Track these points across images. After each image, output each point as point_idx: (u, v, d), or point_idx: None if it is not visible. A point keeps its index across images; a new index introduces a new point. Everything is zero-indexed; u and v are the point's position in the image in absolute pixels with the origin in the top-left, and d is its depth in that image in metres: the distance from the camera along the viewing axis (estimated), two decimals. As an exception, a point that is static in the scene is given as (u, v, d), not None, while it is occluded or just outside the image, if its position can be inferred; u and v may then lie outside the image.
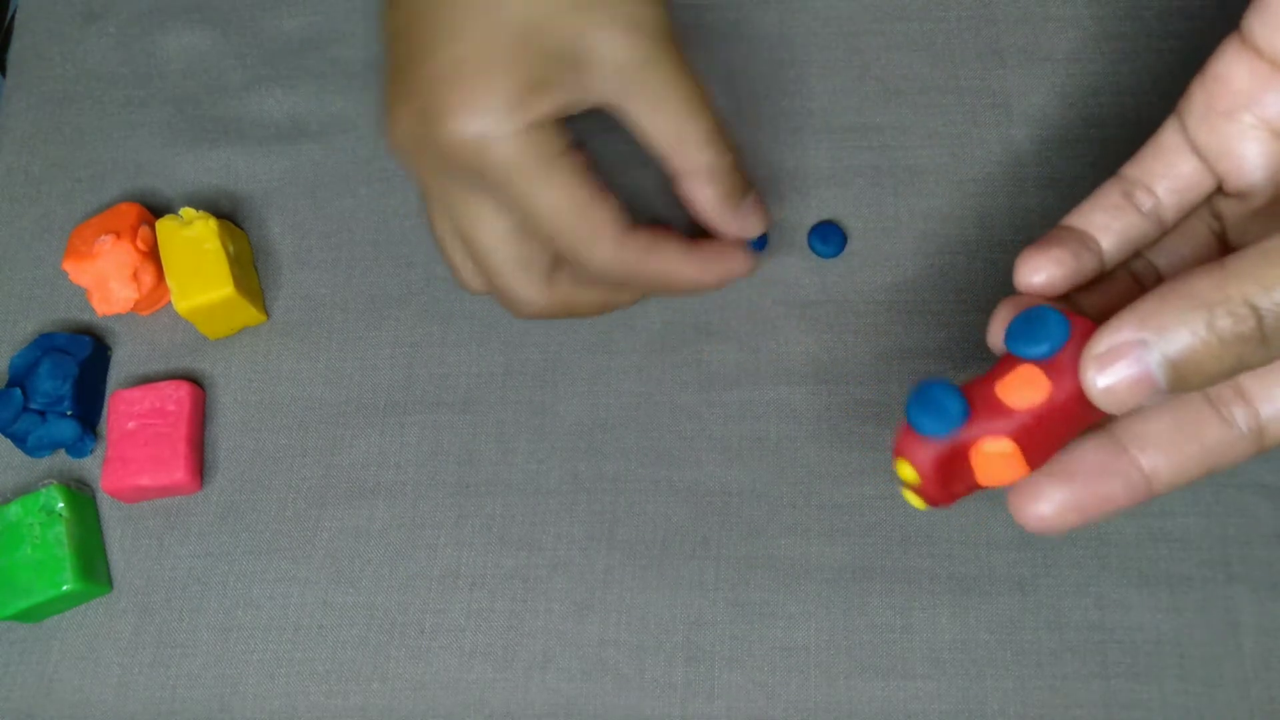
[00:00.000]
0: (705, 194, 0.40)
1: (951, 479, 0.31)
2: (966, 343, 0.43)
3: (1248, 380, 0.31)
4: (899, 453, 0.31)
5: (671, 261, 0.40)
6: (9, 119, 0.51)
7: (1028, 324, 0.31)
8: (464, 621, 0.41)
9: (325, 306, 0.46)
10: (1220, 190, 0.35)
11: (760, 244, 0.44)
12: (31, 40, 0.53)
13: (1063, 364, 0.30)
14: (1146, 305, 0.28)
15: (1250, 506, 0.40)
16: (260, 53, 0.51)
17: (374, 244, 0.47)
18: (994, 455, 0.30)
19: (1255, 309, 0.27)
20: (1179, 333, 0.28)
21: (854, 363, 0.43)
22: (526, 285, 0.40)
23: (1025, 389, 0.30)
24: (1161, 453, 0.31)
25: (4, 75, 0.55)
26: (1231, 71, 0.33)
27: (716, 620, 0.40)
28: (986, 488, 0.31)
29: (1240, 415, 0.31)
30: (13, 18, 0.55)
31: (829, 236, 0.44)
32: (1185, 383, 0.28)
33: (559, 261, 0.40)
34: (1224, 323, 0.28)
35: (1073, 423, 0.30)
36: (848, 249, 0.44)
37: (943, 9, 0.48)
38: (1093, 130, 0.45)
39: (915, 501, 0.32)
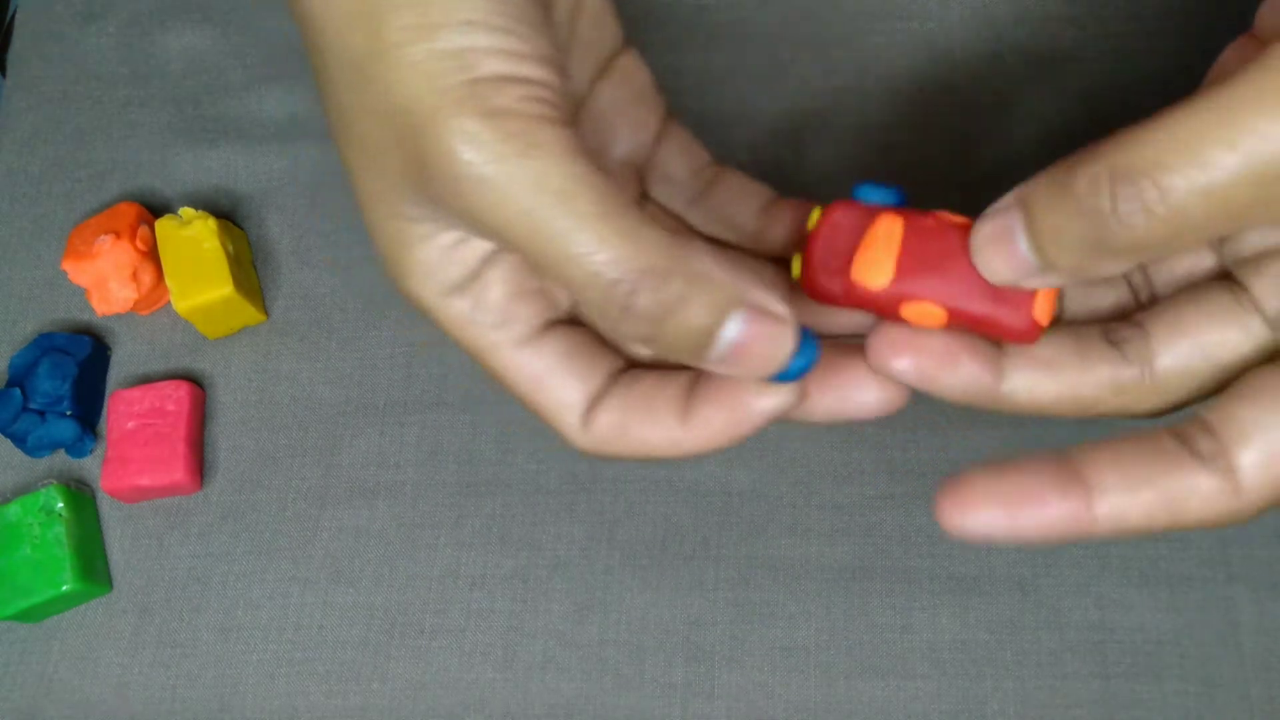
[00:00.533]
0: (616, 338, 0.32)
1: (836, 251, 0.31)
2: (966, 342, 0.43)
3: (1215, 414, 0.28)
4: (821, 207, 0.31)
5: (656, 436, 0.32)
6: (9, 119, 0.51)
7: None
8: (464, 621, 0.41)
9: (325, 306, 0.46)
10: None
11: (797, 369, 0.30)
12: (31, 40, 0.53)
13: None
14: (1034, 177, 0.28)
15: (1250, 506, 0.40)
16: (260, 52, 0.51)
17: (373, 243, 0.47)
18: (880, 237, 0.30)
19: (1114, 173, 0.26)
20: (1041, 194, 0.27)
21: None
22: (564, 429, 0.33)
23: (956, 218, 0.30)
24: (1116, 481, 0.28)
25: (4, 75, 0.55)
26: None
27: (716, 620, 0.40)
28: (848, 288, 0.30)
29: (1211, 456, 0.28)
30: (12, 17, 0.55)
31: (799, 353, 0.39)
32: (1048, 254, 0.27)
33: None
34: (1083, 188, 0.26)
35: (960, 278, 0.30)
36: None
37: (943, 8, 0.48)
38: (1093, 130, 0.45)
39: (795, 270, 0.31)
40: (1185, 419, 0.29)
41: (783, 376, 0.30)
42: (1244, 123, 0.25)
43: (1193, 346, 0.30)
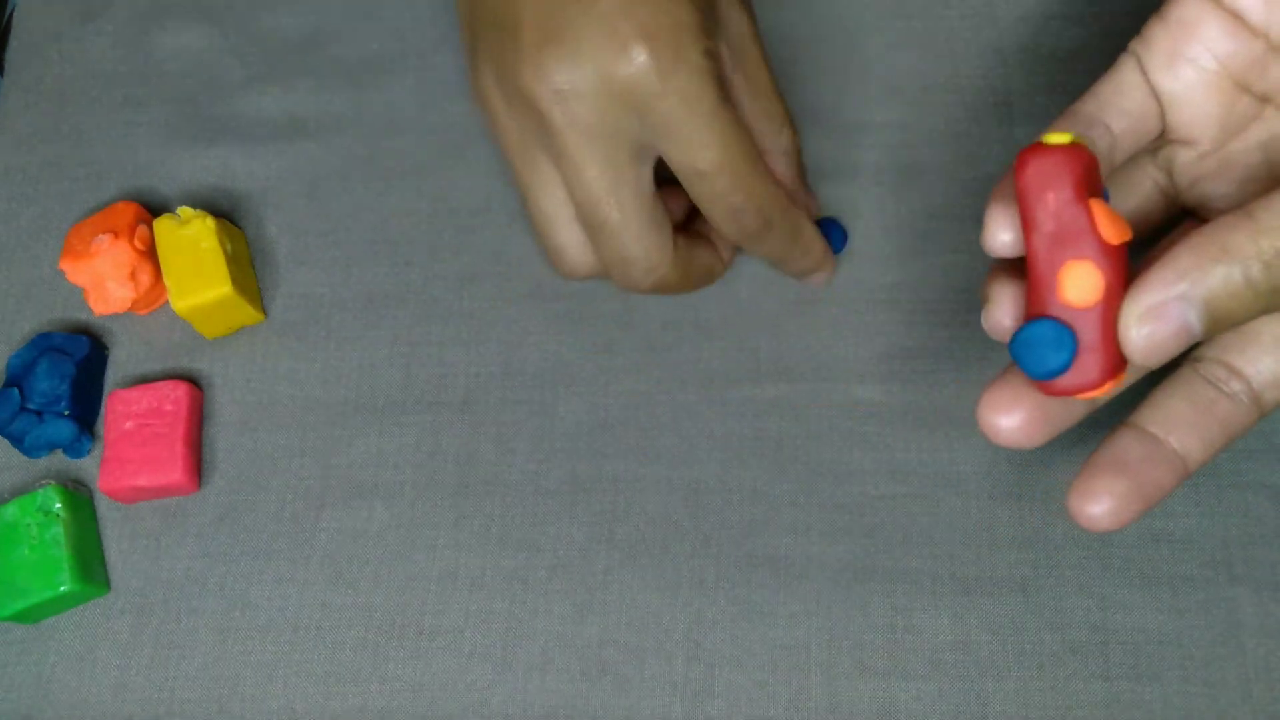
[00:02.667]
0: (785, 172, 0.41)
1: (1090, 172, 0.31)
2: (967, 342, 0.43)
3: (1233, 356, 0.34)
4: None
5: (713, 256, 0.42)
6: (6, 118, 0.51)
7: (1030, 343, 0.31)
8: (463, 622, 0.41)
9: (323, 306, 0.46)
10: (1165, 138, 0.36)
11: (839, 242, 0.44)
12: (29, 39, 0.53)
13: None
14: (1182, 260, 0.30)
15: (1252, 507, 0.40)
16: (258, 51, 0.51)
17: (372, 243, 0.47)
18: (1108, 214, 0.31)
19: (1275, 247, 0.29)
20: (1215, 285, 0.30)
21: (854, 363, 0.43)
22: (656, 247, 0.40)
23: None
24: (1190, 433, 0.34)
25: (2, 74, 0.54)
26: (1195, 17, 0.34)
27: (717, 620, 0.40)
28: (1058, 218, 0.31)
29: (1238, 388, 0.34)
30: (10, 16, 0.55)
31: (830, 234, 0.44)
32: (1218, 328, 0.30)
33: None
34: (1258, 274, 0.29)
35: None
36: (849, 248, 0.44)
37: (944, 7, 0.48)
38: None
39: (1057, 137, 0.31)
40: (1203, 361, 0.35)
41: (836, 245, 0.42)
42: None
43: (1275, 359, 0.34)
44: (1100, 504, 0.33)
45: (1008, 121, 0.45)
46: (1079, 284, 0.31)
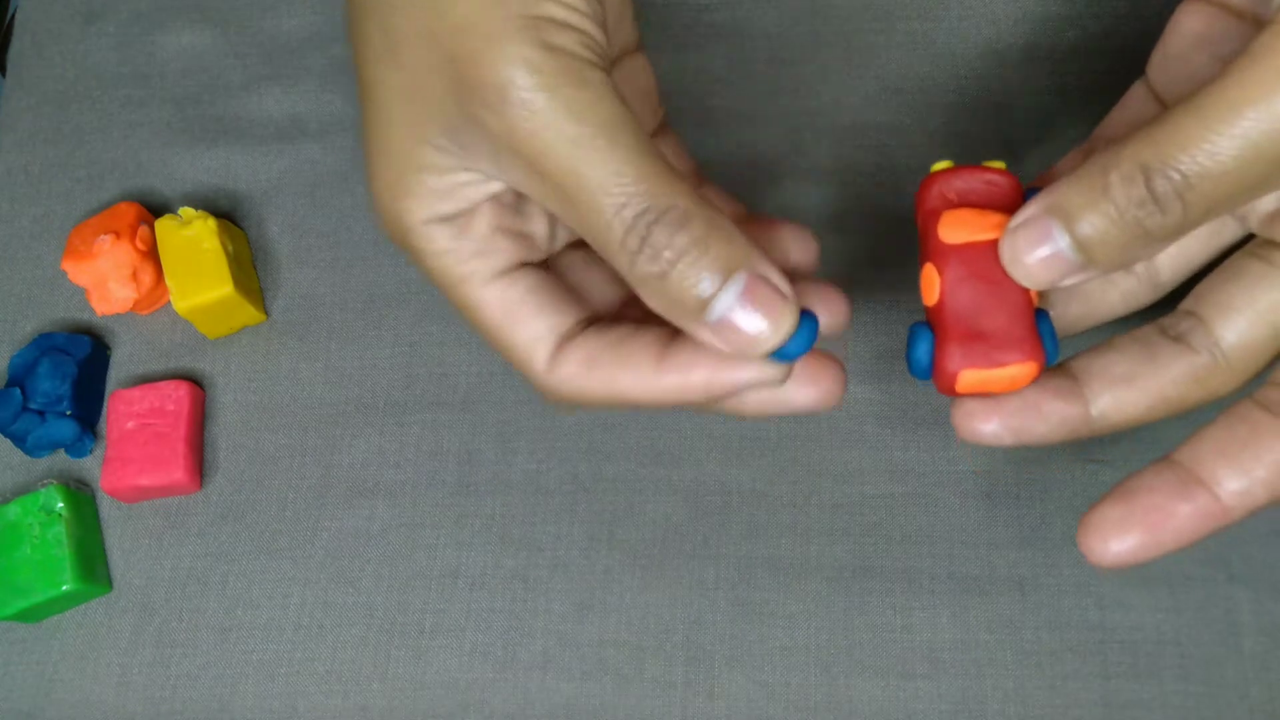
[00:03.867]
0: (625, 274, 0.30)
1: (972, 190, 0.32)
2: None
3: None
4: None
5: (627, 380, 0.31)
6: (8, 118, 0.51)
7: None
8: (464, 621, 0.41)
9: (324, 306, 0.46)
10: None
11: (795, 348, 0.30)
12: (31, 40, 0.53)
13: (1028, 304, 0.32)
14: (1057, 182, 0.29)
15: (1251, 506, 0.40)
16: (260, 52, 0.51)
17: (373, 243, 0.47)
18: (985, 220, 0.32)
19: (1144, 168, 0.28)
20: (1079, 198, 0.29)
21: (854, 362, 0.43)
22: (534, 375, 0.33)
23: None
24: (1227, 466, 0.30)
25: (3, 75, 0.55)
26: (1184, 19, 0.34)
27: (716, 620, 0.40)
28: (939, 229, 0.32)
29: None
30: (12, 17, 0.55)
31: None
32: (1094, 254, 0.29)
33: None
34: (1118, 187, 0.28)
35: (981, 293, 0.32)
36: (848, 247, 0.44)
37: (943, 8, 0.48)
38: (1095, 130, 0.45)
39: (939, 165, 0.33)
40: (1268, 388, 0.31)
41: (779, 355, 0.30)
42: (1242, 109, 0.27)
43: (1250, 318, 0.31)
44: (1108, 542, 0.30)
45: (1007, 122, 0.45)
46: (926, 286, 0.32)
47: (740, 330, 0.29)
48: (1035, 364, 0.31)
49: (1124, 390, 0.32)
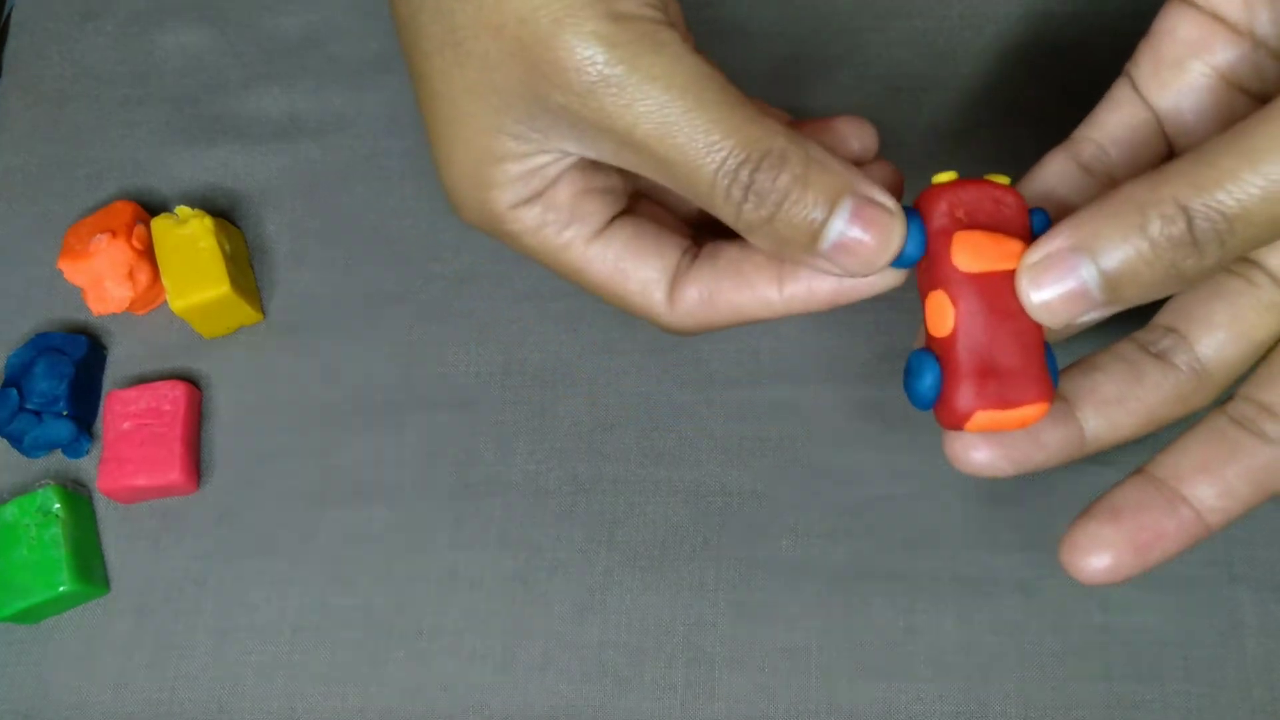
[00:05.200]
0: (733, 224, 0.30)
1: (983, 203, 0.30)
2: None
3: (1265, 393, 0.31)
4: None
5: (748, 299, 0.33)
6: (6, 118, 0.51)
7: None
8: (463, 623, 0.41)
9: (322, 305, 0.46)
10: (1172, 154, 0.34)
11: (911, 252, 0.31)
12: (28, 39, 0.53)
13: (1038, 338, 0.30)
14: (1082, 213, 0.28)
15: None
16: (258, 51, 0.51)
17: (371, 242, 0.47)
18: (996, 242, 0.30)
19: (1185, 209, 0.27)
20: (1111, 237, 0.28)
21: (854, 363, 0.43)
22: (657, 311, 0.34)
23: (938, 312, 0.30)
24: (1205, 480, 0.31)
25: (0, 74, 0.54)
26: (1176, 24, 0.34)
27: (717, 622, 0.40)
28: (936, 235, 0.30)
29: (1272, 430, 0.31)
30: (9, 16, 0.55)
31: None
32: (1120, 293, 0.28)
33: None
34: (1155, 227, 0.27)
35: (993, 326, 0.30)
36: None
37: (944, 6, 0.47)
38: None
39: (945, 175, 0.31)
40: (1238, 401, 0.31)
41: (897, 263, 0.31)
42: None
43: (1232, 335, 0.32)
44: (1091, 558, 0.31)
45: (1008, 121, 0.45)
46: (936, 314, 0.30)
47: (855, 254, 0.30)
48: (1047, 404, 0.30)
49: (1115, 411, 0.32)
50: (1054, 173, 0.34)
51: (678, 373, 0.43)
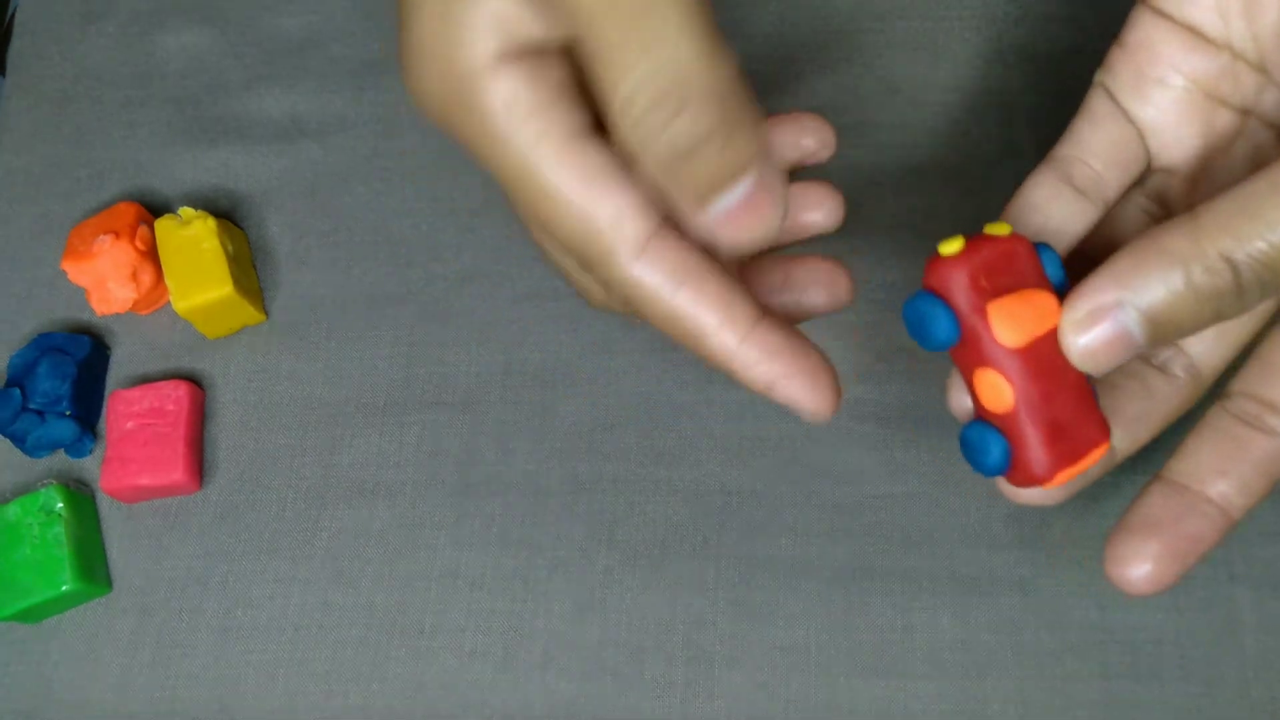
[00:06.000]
0: (630, 141, 0.27)
1: (1001, 270, 0.30)
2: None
3: (1263, 389, 0.32)
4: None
5: (710, 328, 0.29)
6: (8, 119, 0.51)
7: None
8: (464, 622, 0.41)
9: (324, 306, 0.46)
10: (1151, 166, 0.35)
11: (942, 342, 0.31)
12: (31, 40, 0.53)
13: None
14: (1122, 264, 0.28)
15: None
16: (259, 52, 0.51)
17: (373, 243, 0.47)
18: (1038, 309, 0.30)
19: (1231, 262, 0.27)
20: (1156, 290, 0.28)
21: (853, 363, 0.43)
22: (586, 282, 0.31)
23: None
24: (1224, 480, 0.32)
25: (3, 75, 0.55)
26: (1154, 37, 0.33)
27: (717, 620, 0.40)
28: (971, 315, 0.30)
29: (1274, 423, 0.31)
30: (12, 17, 0.55)
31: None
32: (1162, 338, 0.29)
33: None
34: (1201, 278, 0.28)
35: (1052, 395, 0.31)
36: (847, 247, 0.44)
37: (944, 7, 0.48)
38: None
39: (953, 245, 0.30)
40: (1237, 398, 0.32)
41: (928, 346, 0.31)
42: None
43: (1215, 338, 0.33)
44: (1136, 568, 0.31)
45: (1008, 121, 0.45)
46: (990, 391, 0.31)
47: (734, 231, 0.28)
48: (1108, 437, 0.32)
49: (1137, 428, 0.34)
50: (1047, 197, 0.34)
51: (678, 373, 0.44)
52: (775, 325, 0.30)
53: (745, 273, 0.33)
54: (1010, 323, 0.30)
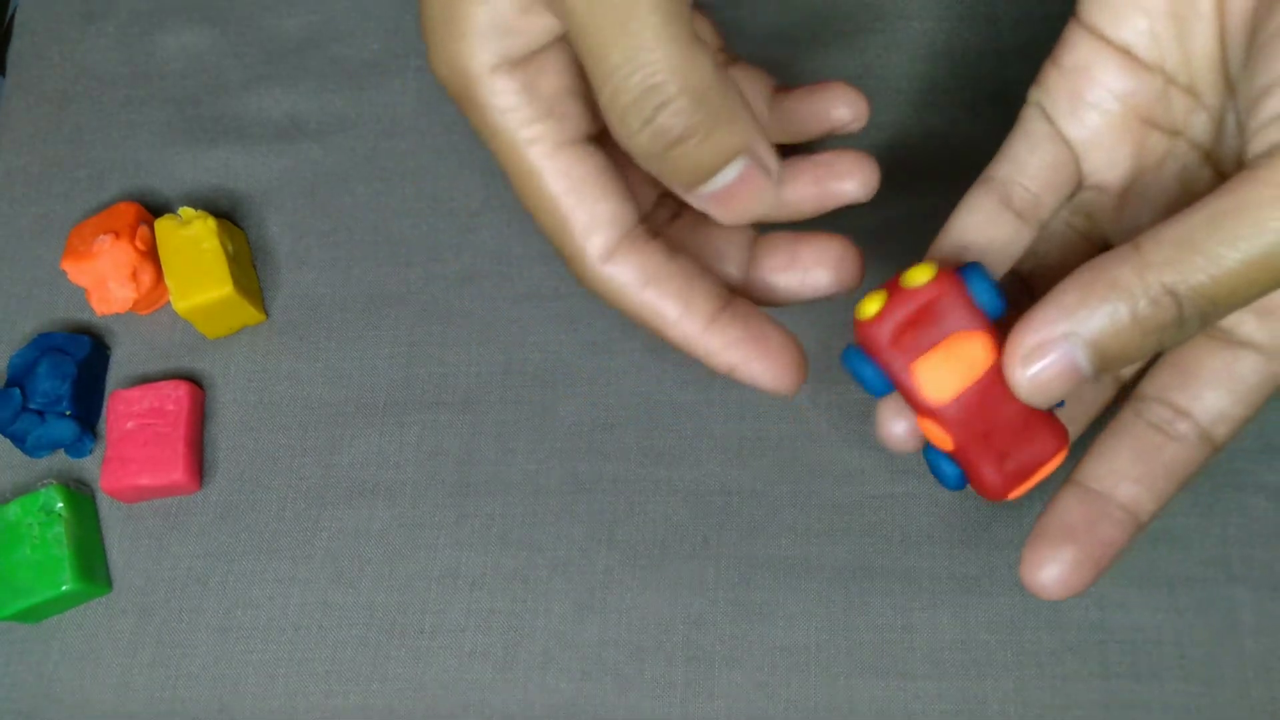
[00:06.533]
0: (620, 137, 0.30)
1: (918, 324, 0.31)
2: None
3: (1175, 394, 0.33)
4: (934, 266, 0.31)
5: (672, 313, 0.32)
6: (8, 119, 0.51)
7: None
8: (464, 622, 0.41)
9: (324, 306, 0.46)
10: (1081, 184, 0.35)
11: (876, 391, 0.33)
12: (31, 40, 0.53)
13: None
14: (1068, 297, 0.29)
15: (1251, 506, 0.40)
16: (260, 52, 0.51)
17: (373, 243, 0.47)
18: (964, 358, 0.31)
19: (1174, 295, 0.28)
20: (1101, 322, 0.28)
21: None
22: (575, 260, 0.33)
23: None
24: (1136, 485, 0.32)
25: (4, 75, 0.55)
26: (1089, 60, 0.34)
27: (717, 620, 0.40)
28: (897, 371, 0.31)
29: (1185, 429, 0.33)
30: (12, 17, 0.55)
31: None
32: (1108, 366, 0.29)
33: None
34: (1145, 310, 0.28)
35: (994, 425, 0.31)
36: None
37: (944, 8, 0.48)
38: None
39: (871, 308, 0.31)
40: (1149, 402, 0.33)
41: (871, 391, 0.32)
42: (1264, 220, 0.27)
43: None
44: (1049, 572, 0.31)
45: (1008, 121, 0.45)
46: (932, 434, 0.32)
47: (728, 207, 0.31)
48: (1065, 445, 0.32)
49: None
50: (986, 222, 0.34)
51: (678, 373, 0.44)
52: (737, 314, 0.33)
53: (755, 249, 0.35)
54: (937, 379, 0.31)
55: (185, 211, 0.45)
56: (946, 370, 0.31)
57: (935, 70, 0.47)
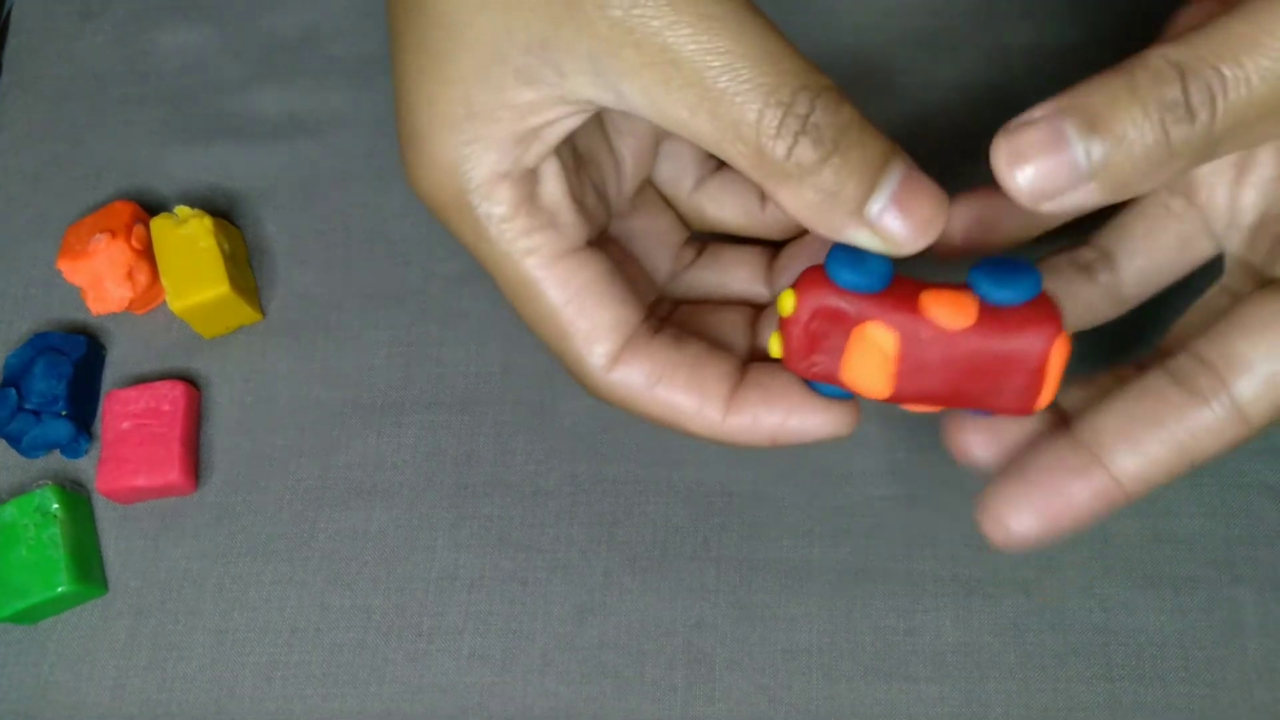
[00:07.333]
0: (773, 161, 0.27)
1: (820, 342, 0.29)
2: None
3: (1211, 351, 0.29)
4: (793, 286, 0.29)
5: (689, 405, 0.31)
6: (4, 117, 0.51)
7: (999, 269, 0.29)
8: (462, 624, 0.41)
9: (321, 305, 0.46)
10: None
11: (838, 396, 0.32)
12: (27, 38, 0.53)
13: (1001, 320, 0.29)
14: (1072, 88, 0.26)
15: (1255, 507, 0.40)
16: (257, 50, 0.51)
17: (370, 242, 0.47)
18: (872, 347, 0.29)
19: (1179, 65, 0.25)
20: (1100, 98, 0.26)
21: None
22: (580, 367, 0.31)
23: (950, 310, 0.28)
24: (1126, 447, 0.29)
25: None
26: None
27: (717, 622, 0.40)
28: (839, 385, 0.31)
29: (1212, 392, 0.28)
30: (8, 15, 0.54)
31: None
32: (1108, 166, 0.26)
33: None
34: (1145, 83, 0.25)
35: (962, 376, 0.29)
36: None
37: (947, 5, 0.47)
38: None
39: (774, 349, 0.30)
40: (1180, 356, 0.29)
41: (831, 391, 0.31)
42: None
43: (1148, 263, 0.32)
44: (1016, 522, 0.29)
45: (1010, 119, 0.45)
46: (922, 410, 0.32)
47: (908, 218, 0.27)
48: (1056, 329, 0.29)
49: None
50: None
51: (678, 373, 0.43)
52: (755, 381, 0.31)
53: (760, 319, 0.35)
54: (867, 383, 0.30)
55: (181, 210, 0.45)
56: (867, 371, 0.30)
57: (936, 69, 0.47)
